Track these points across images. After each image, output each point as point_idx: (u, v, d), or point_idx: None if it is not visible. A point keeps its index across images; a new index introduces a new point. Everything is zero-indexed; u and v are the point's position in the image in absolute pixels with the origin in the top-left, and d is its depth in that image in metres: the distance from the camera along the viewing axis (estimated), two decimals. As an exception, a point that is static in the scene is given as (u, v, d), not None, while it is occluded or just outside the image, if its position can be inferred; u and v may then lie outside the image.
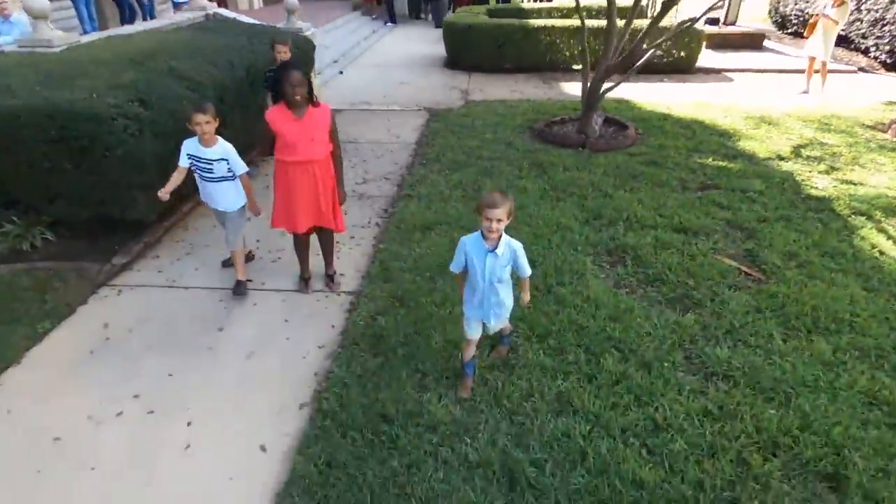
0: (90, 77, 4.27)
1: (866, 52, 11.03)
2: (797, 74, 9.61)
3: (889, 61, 10.48)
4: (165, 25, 7.11)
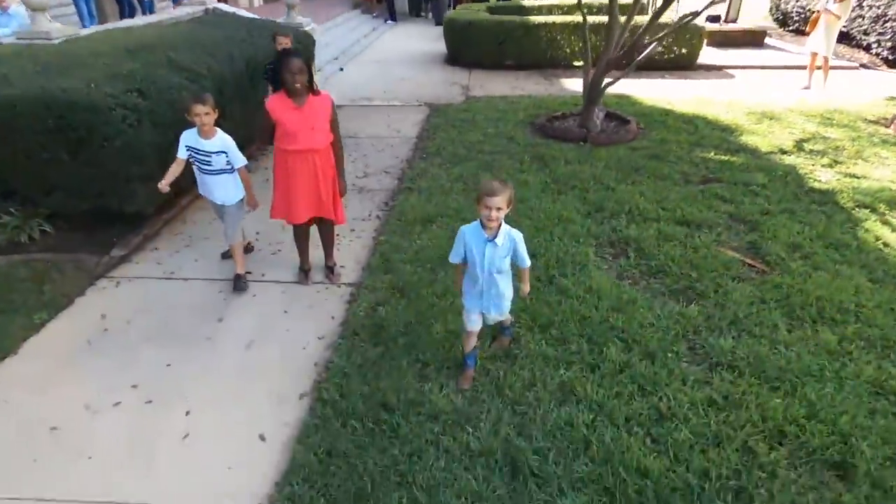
0: (88, 68, 4.23)
1: (868, 48, 10.99)
2: (799, 71, 9.56)
3: (891, 58, 10.44)
4: (165, 20, 7.08)
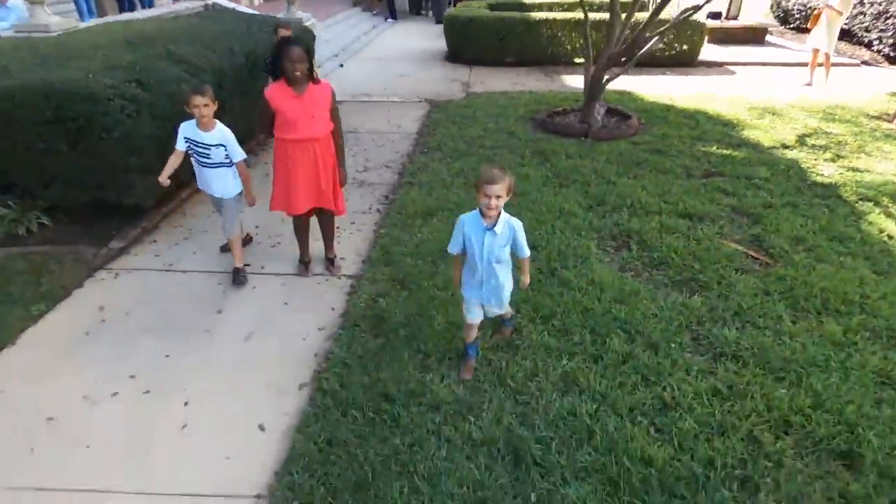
0: (87, 59, 4.20)
1: (869, 45, 10.97)
2: (800, 68, 9.52)
3: (892, 54, 10.41)
4: (164, 14, 7.06)
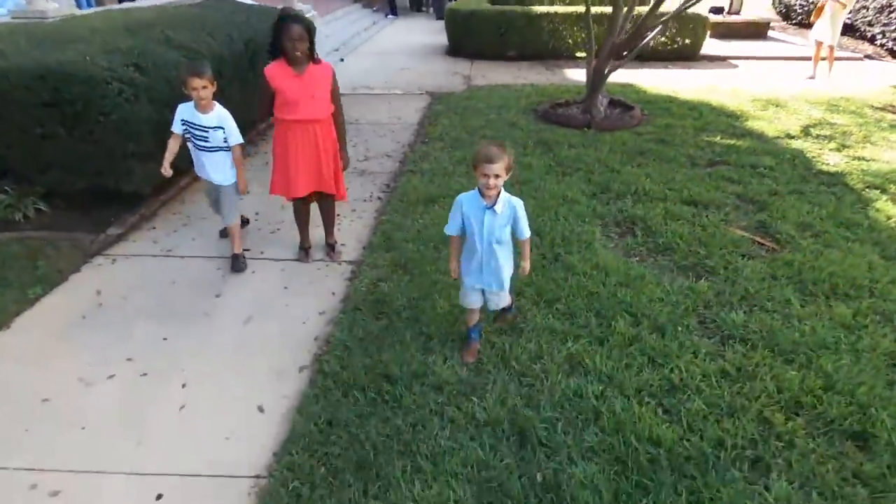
0: (85, 42, 4.14)
1: (872, 39, 10.92)
2: (803, 62, 9.48)
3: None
4: (164, 3, 7.00)
